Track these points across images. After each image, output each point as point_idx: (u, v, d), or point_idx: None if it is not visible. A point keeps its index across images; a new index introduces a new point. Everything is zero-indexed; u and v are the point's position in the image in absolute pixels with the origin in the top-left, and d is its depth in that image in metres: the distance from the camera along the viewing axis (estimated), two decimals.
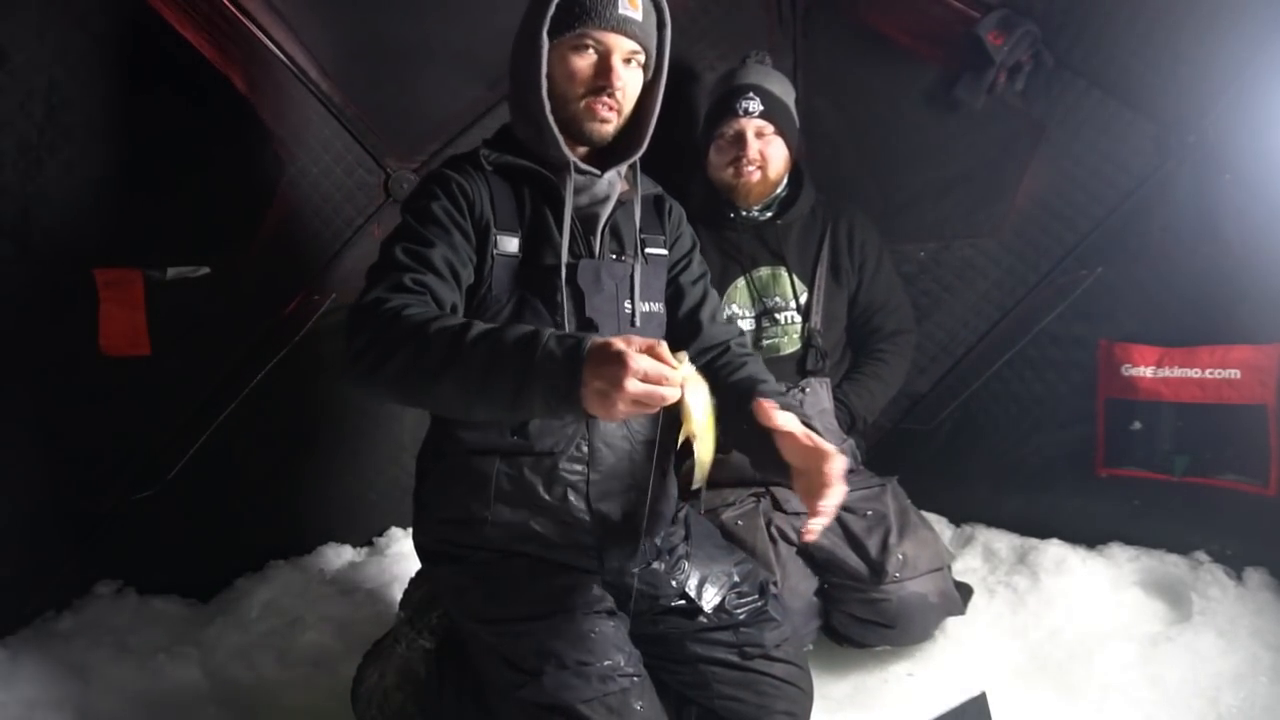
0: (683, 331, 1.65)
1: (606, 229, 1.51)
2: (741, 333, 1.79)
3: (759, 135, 2.05)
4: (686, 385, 1.06)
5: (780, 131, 2.07)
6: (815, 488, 1.20)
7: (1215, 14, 1.89)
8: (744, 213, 2.14)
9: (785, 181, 2.16)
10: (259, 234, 2.06)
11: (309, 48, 2.02)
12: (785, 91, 2.10)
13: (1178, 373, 2.07)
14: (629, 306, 1.51)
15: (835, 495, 1.19)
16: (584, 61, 1.40)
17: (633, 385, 0.99)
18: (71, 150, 1.84)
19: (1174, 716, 1.67)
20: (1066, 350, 2.27)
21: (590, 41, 1.39)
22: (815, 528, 1.20)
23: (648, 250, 1.56)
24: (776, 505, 2.00)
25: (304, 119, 2.04)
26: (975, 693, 1.54)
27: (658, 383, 1.01)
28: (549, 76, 1.39)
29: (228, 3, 1.89)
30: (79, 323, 1.88)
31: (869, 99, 1.99)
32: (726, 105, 2.05)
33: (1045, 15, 2.11)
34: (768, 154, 2.06)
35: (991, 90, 2.20)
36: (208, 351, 2.06)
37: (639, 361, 1.00)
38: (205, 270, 2.01)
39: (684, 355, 1.07)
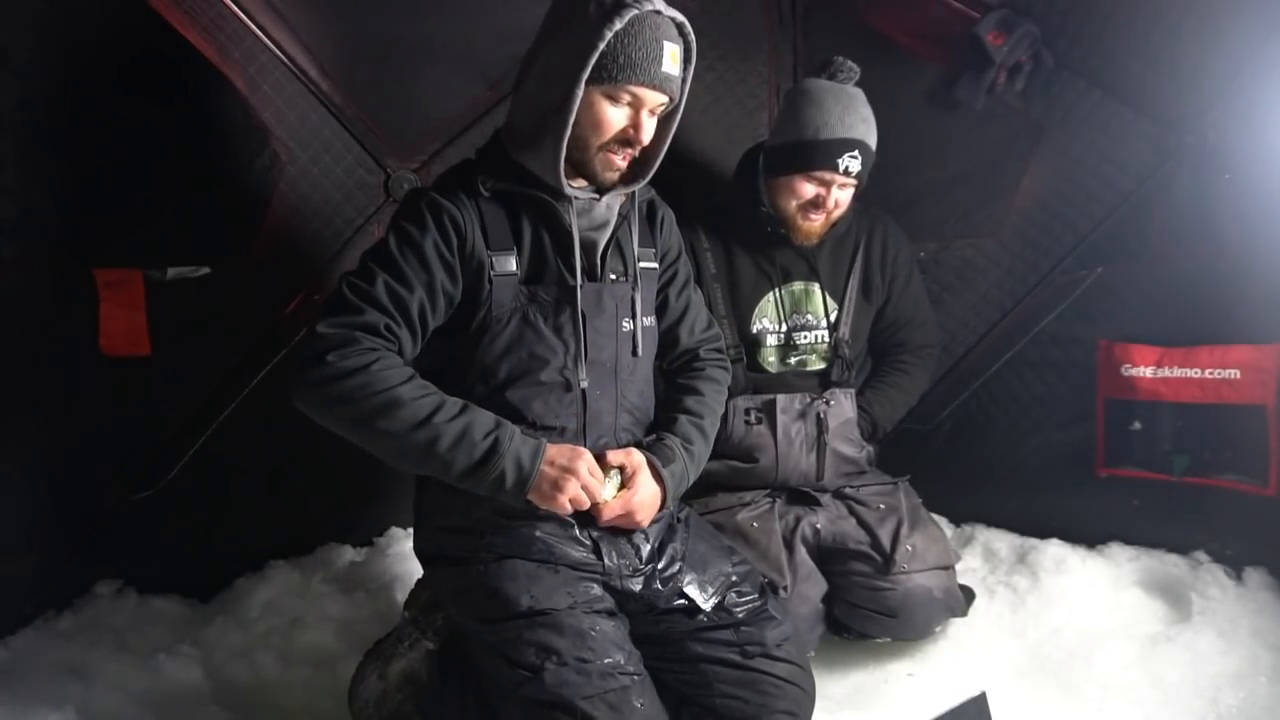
0: (662, 342, 1.70)
1: (608, 251, 1.52)
2: (719, 336, 1.81)
3: (841, 187, 1.95)
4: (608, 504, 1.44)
5: (860, 182, 1.97)
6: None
7: (1214, 14, 1.89)
8: (783, 230, 2.03)
9: None
10: (259, 234, 2.06)
11: (309, 48, 2.02)
12: (874, 134, 1.97)
13: (1177, 373, 2.07)
14: (628, 325, 1.54)
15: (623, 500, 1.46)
16: (618, 114, 1.39)
17: (584, 473, 1.38)
18: (73, 150, 1.84)
19: (1174, 716, 1.67)
20: (1066, 350, 2.27)
21: (628, 95, 1.38)
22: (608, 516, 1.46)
23: (641, 265, 1.57)
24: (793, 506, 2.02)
25: (304, 119, 2.04)
26: (975, 693, 1.54)
27: (590, 488, 1.39)
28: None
29: (228, 3, 1.89)
30: (79, 323, 1.88)
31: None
32: (826, 155, 1.90)
33: (1045, 15, 2.11)
34: (841, 201, 1.97)
35: (991, 90, 2.19)
36: (208, 351, 2.06)
37: (589, 462, 1.40)
38: (205, 270, 2.01)
39: (615, 474, 1.47)
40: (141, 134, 1.90)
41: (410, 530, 2.38)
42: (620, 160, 1.43)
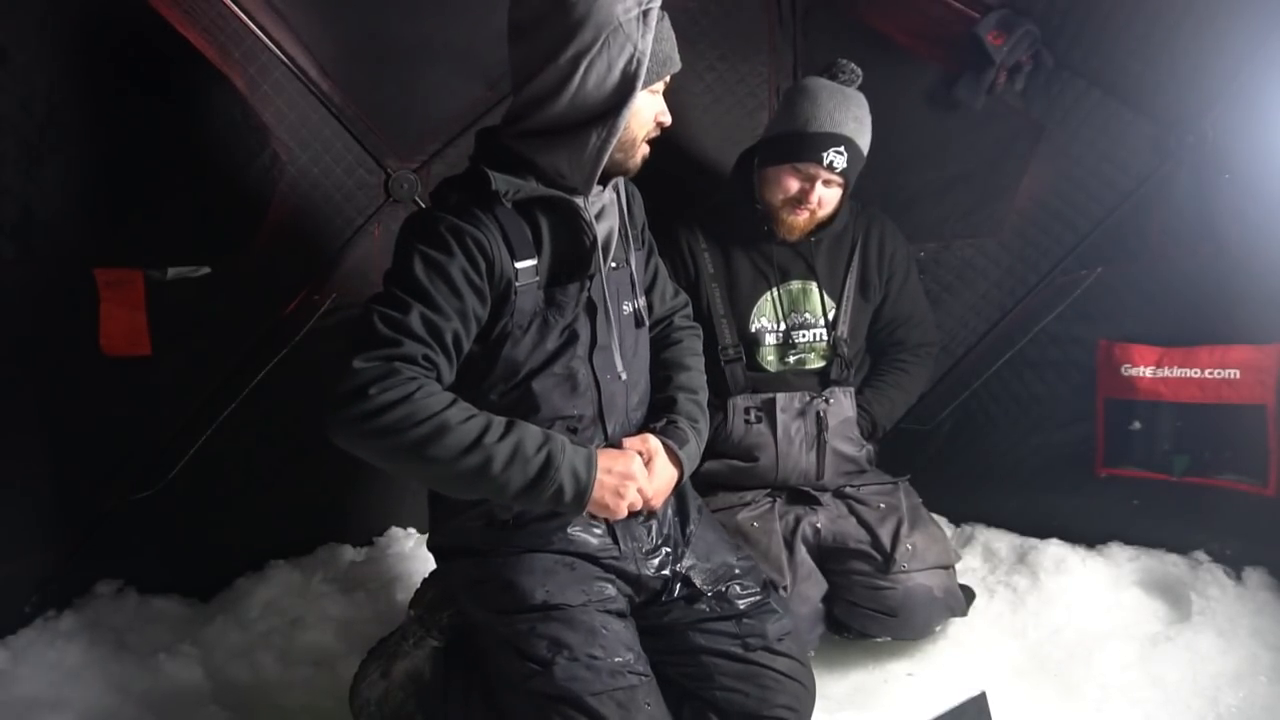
0: None
1: (610, 239, 1.53)
2: (687, 303, 1.83)
3: (826, 184, 1.95)
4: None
5: (846, 182, 1.97)
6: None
7: (1214, 14, 1.89)
8: (769, 225, 2.04)
9: None
10: (259, 234, 2.06)
11: (309, 48, 2.02)
12: (867, 137, 1.98)
13: (1177, 373, 2.07)
14: (628, 307, 1.56)
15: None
16: (655, 102, 1.44)
17: (640, 477, 1.40)
18: (72, 150, 1.84)
19: (1173, 716, 1.68)
20: (1066, 350, 2.27)
21: (663, 85, 1.43)
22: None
23: (633, 246, 1.60)
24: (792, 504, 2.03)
25: (304, 119, 2.04)
26: (975, 693, 1.55)
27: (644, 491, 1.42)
28: None
29: (228, 3, 1.89)
30: (79, 323, 1.88)
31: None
32: (812, 147, 1.90)
33: (1045, 15, 2.11)
34: (825, 199, 1.97)
35: (991, 90, 2.19)
36: (208, 351, 2.06)
37: (640, 464, 1.42)
38: (206, 270, 2.01)
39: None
40: (142, 134, 1.90)
41: (410, 530, 2.40)
42: (648, 148, 1.47)
